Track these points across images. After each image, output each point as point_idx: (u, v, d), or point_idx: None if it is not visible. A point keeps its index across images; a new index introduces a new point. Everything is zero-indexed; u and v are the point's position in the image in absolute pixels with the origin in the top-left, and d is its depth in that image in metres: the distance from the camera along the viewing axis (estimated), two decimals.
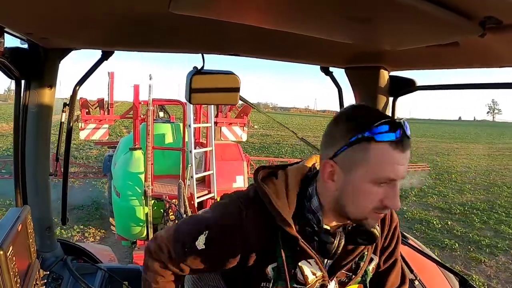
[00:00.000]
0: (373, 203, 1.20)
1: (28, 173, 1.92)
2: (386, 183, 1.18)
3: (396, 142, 1.14)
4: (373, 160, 1.16)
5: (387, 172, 1.16)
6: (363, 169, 1.18)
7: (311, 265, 1.33)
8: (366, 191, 1.20)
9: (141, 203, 7.09)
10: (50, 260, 2.04)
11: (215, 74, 1.78)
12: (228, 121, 10.21)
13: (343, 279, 1.41)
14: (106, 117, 10.18)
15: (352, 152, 1.19)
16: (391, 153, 1.15)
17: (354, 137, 1.17)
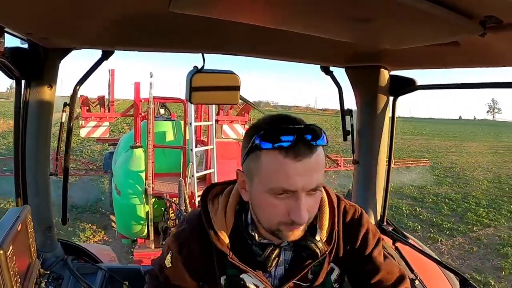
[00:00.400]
0: (277, 215, 1.14)
1: (28, 172, 1.92)
2: (286, 194, 1.10)
3: (286, 149, 1.07)
4: (263, 169, 1.11)
5: (279, 183, 1.09)
6: (257, 179, 1.14)
7: (251, 278, 1.31)
8: (265, 202, 1.14)
9: (142, 202, 7.08)
10: (50, 260, 2.04)
11: (215, 74, 1.78)
12: (230, 119, 10.22)
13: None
14: (107, 115, 10.19)
15: (249, 161, 1.16)
16: (281, 161, 1.07)
17: (249, 145, 1.14)
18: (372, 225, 1.41)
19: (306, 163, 1.08)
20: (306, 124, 1.13)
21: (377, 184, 2.39)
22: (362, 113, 2.34)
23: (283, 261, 1.34)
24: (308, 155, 1.08)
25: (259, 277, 1.30)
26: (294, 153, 1.06)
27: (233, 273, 1.33)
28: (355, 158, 2.43)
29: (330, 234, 1.32)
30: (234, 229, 1.32)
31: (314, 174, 1.10)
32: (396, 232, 2.35)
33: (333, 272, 1.37)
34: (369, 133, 2.35)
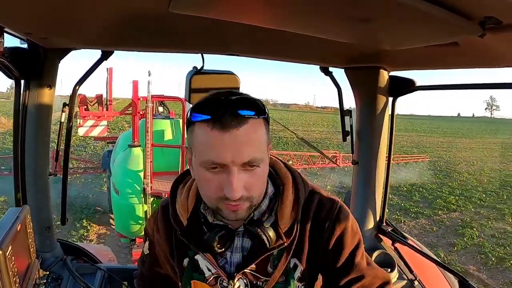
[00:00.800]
0: (212, 191, 1.10)
1: (27, 172, 1.91)
2: (219, 169, 1.06)
3: (213, 121, 1.02)
4: (195, 142, 1.09)
5: (208, 155, 1.05)
6: (194, 153, 1.12)
7: (204, 260, 1.27)
8: (201, 177, 1.11)
9: (140, 201, 7.08)
10: (49, 260, 2.04)
11: (215, 74, 1.78)
12: None
13: (258, 283, 1.26)
14: (105, 114, 10.18)
15: (188, 135, 1.14)
16: (208, 133, 1.03)
17: (186, 120, 1.12)
18: (352, 223, 1.27)
19: (233, 135, 1.02)
20: (238, 96, 1.07)
21: (377, 184, 2.39)
22: (361, 114, 2.35)
23: (241, 248, 1.27)
24: (235, 126, 1.02)
25: (209, 260, 1.25)
26: (219, 124, 1.02)
27: (191, 254, 1.30)
28: (354, 158, 2.44)
29: (291, 226, 1.22)
30: (194, 211, 1.28)
31: (245, 147, 1.04)
32: (395, 232, 2.36)
33: (297, 270, 1.25)
34: (369, 133, 2.35)
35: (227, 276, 1.25)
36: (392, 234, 2.33)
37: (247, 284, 1.26)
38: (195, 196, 1.28)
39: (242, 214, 1.13)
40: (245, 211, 1.13)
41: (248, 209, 1.13)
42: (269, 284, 1.24)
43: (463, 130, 64.31)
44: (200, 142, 1.07)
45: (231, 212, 1.12)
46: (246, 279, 1.26)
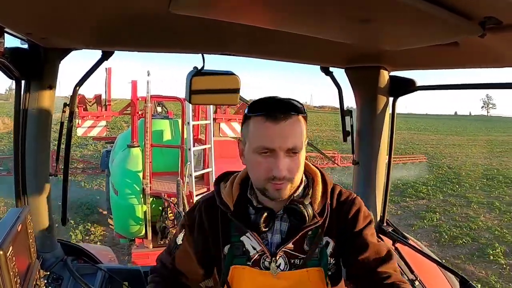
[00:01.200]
0: (262, 172, 1.35)
1: (28, 173, 1.91)
2: (268, 153, 1.33)
3: (266, 114, 1.31)
4: (252, 132, 1.36)
5: (262, 142, 1.32)
6: (248, 141, 1.38)
7: (250, 240, 1.49)
8: (254, 161, 1.37)
9: (139, 201, 7.06)
10: (50, 261, 2.04)
11: (215, 75, 1.78)
12: (227, 117, 10.19)
13: (295, 261, 1.46)
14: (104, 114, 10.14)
15: (243, 129, 1.42)
16: (263, 124, 1.32)
17: (244, 117, 1.41)
18: (365, 209, 1.53)
19: (282, 126, 1.30)
20: (285, 99, 1.36)
21: (377, 184, 2.39)
22: (362, 114, 2.35)
23: (279, 231, 1.49)
24: (283, 119, 1.30)
25: (256, 237, 1.46)
26: (272, 118, 1.30)
27: (235, 239, 1.50)
28: (355, 158, 2.44)
29: (323, 207, 1.47)
30: (238, 198, 1.51)
31: (290, 137, 1.31)
32: (396, 232, 2.36)
33: (329, 246, 1.48)
34: (369, 133, 2.35)
35: (270, 254, 1.46)
36: (393, 234, 2.33)
37: (286, 262, 1.46)
38: (239, 186, 1.53)
39: (284, 193, 1.37)
40: (287, 191, 1.37)
41: (289, 189, 1.38)
42: (305, 260, 1.45)
43: (457, 128, 65.04)
44: (255, 132, 1.35)
45: (275, 191, 1.36)
46: (286, 257, 1.46)
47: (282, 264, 1.46)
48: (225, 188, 1.55)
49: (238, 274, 1.49)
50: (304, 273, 1.45)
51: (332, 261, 1.49)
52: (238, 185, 1.54)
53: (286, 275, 1.46)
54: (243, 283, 1.49)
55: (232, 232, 1.51)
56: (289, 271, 1.46)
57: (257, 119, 1.34)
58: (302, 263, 1.46)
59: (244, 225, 1.47)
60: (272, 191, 1.36)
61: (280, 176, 1.32)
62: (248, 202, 1.51)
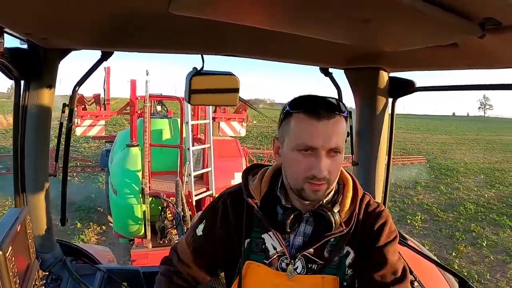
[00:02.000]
0: (301, 171, 1.31)
1: (27, 173, 1.91)
2: (309, 151, 1.29)
3: (310, 111, 1.27)
4: (293, 128, 1.31)
5: (303, 139, 1.28)
6: (288, 139, 1.34)
7: (272, 239, 1.46)
8: (293, 159, 1.33)
9: (139, 201, 7.04)
10: (49, 261, 2.03)
11: (215, 75, 1.78)
12: (227, 116, 10.20)
13: (313, 266, 1.44)
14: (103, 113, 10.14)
15: (282, 126, 1.37)
16: (306, 121, 1.28)
17: (283, 113, 1.36)
18: (391, 224, 1.49)
19: (325, 124, 1.27)
20: (329, 97, 1.32)
21: (376, 185, 2.39)
22: (361, 115, 2.35)
23: (303, 233, 1.46)
24: (327, 117, 1.27)
25: (278, 237, 1.44)
26: (315, 115, 1.27)
27: (256, 235, 1.48)
28: (354, 159, 2.44)
29: (350, 216, 1.44)
30: (266, 195, 1.49)
31: (333, 136, 1.27)
32: None
33: (348, 256, 1.45)
34: (368, 134, 2.35)
35: (289, 256, 1.44)
36: None
37: (303, 266, 1.43)
38: (268, 181, 1.51)
39: (320, 195, 1.35)
40: (323, 192, 1.35)
41: (325, 191, 1.35)
42: (323, 266, 1.43)
43: (449, 128, 66.64)
44: (297, 129, 1.30)
45: (312, 192, 1.32)
46: (304, 261, 1.43)
47: (300, 268, 1.44)
48: (253, 181, 1.53)
49: (252, 270, 1.47)
50: (319, 279, 1.43)
51: (349, 272, 1.46)
52: (268, 181, 1.52)
53: (300, 279, 1.43)
54: (255, 280, 1.47)
55: (254, 227, 1.49)
56: (305, 275, 1.43)
57: (300, 116, 1.30)
58: (319, 269, 1.44)
59: (269, 223, 1.44)
60: (309, 191, 1.33)
61: (320, 176, 1.29)
62: (276, 200, 1.48)
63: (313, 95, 1.35)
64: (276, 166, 1.54)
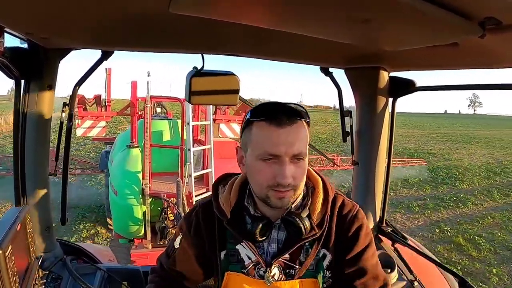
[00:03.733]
0: (265, 180, 1.30)
1: (27, 172, 1.91)
2: (272, 159, 1.28)
3: (270, 119, 1.26)
4: (254, 137, 1.31)
5: (266, 147, 1.27)
6: (251, 148, 1.33)
7: (245, 249, 1.46)
8: (256, 168, 1.32)
9: (139, 202, 7.05)
10: (49, 260, 2.03)
11: (215, 75, 1.78)
12: (227, 118, 10.19)
13: (290, 271, 1.44)
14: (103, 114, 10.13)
15: (244, 135, 1.37)
16: (267, 129, 1.27)
17: (245, 122, 1.36)
18: (366, 225, 1.49)
19: (287, 131, 1.26)
20: (289, 103, 1.32)
21: (376, 185, 2.39)
22: (361, 114, 2.35)
23: (276, 240, 1.46)
24: (289, 124, 1.26)
25: (251, 247, 1.44)
26: (276, 122, 1.26)
27: (231, 247, 1.48)
28: (354, 159, 2.44)
29: (322, 219, 1.43)
30: (236, 205, 1.48)
31: (296, 142, 1.27)
32: (395, 233, 2.36)
33: (326, 259, 1.45)
34: (369, 134, 2.35)
35: (265, 264, 1.44)
36: (392, 234, 2.33)
37: (281, 272, 1.44)
38: (237, 192, 1.50)
39: (286, 202, 1.34)
40: (289, 199, 1.33)
41: (291, 197, 1.34)
42: (300, 271, 1.43)
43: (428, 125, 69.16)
44: (259, 137, 1.29)
45: (278, 200, 1.32)
46: (281, 267, 1.44)
47: (277, 274, 1.44)
48: (223, 193, 1.52)
49: (233, 280, 1.48)
50: (296, 283, 1.43)
51: (328, 274, 1.46)
52: (237, 191, 1.50)
53: (280, 285, 1.43)
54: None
55: (228, 239, 1.49)
56: (283, 281, 1.43)
57: (261, 124, 1.29)
58: (297, 273, 1.44)
59: (239, 235, 1.44)
60: (275, 199, 1.32)
61: (285, 183, 1.27)
62: (245, 210, 1.48)
63: (274, 102, 1.35)
64: (244, 175, 1.51)
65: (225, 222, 1.45)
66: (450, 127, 65.38)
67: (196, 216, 1.56)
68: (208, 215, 1.52)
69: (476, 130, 59.13)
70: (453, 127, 65.70)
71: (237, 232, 1.44)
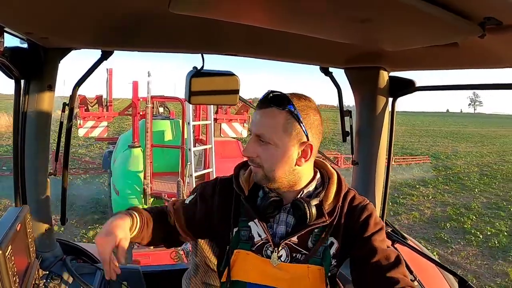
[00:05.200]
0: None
1: (27, 172, 1.91)
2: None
3: (259, 104, 1.46)
4: None
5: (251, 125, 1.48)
6: None
7: (257, 226, 1.54)
8: None
9: (140, 202, 7.07)
10: (49, 260, 2.03)
11: (215, 75, 1.78)
12: (228, 117, 10.21)
13: (297, 255, 1.50)
14: (105, 114, 10.16)
15: None
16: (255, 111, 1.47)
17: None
18: (376, 216, 1.56)
19: (260, 113, 1.44)
20: (276, 92, 1.45)
21: (376, 185, 2.39)
22: (361, 114, 2.34)
23: (285, 223, 1.53)
24: (262, 108, 1.43)
25: (262, 225, 1.51)
26: (258, 106, 1.46)
27: (243, 224, 1.56)
28: (354, 159, 2.43)
29: (333, 208, 1.51)
30: (253, 187, 1.59)
31: (262, 126, 1.42)
32: (395, 233, 2.35)
33: (332, 247, 1.51)
34: (369, 134, 2.35)
35: (273, 243, 1.50)
36: (392, 234, 2.33)
37: (288, 254, 1.50)
38: None
39: (258, 177, 1.48)
40: (260, 176, 1.47)
41: (263, 177, 1.47)
42: (307, 257, 1.49)
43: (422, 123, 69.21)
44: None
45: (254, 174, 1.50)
46: (288, 249, 1.50)
47: (284, 256, 1.50)
48: (244, 174, 1.62)
49: (241, 258, 1.54)
50: (304, 268, 1.49)
51: (333, 262, 1.52)
52: None
53: (286, 267, 1.49)
54: (245, 267, 1.53)
55: (241, 216, 1.57)
56: (289, 263, 1.49)
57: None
58: (304, 259, 1.49)
59: (253, 209, 1.52)
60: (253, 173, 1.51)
61: (244, 154, 1.49)
62: (261, 189, 1.58)
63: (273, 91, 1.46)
64: None
65: (242, 197, 1.55)
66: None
67: (213, 188, 1.66)
68: (226, 190, 1.63)
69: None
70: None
71: (252, 207, 1.52)
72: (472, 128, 61.12)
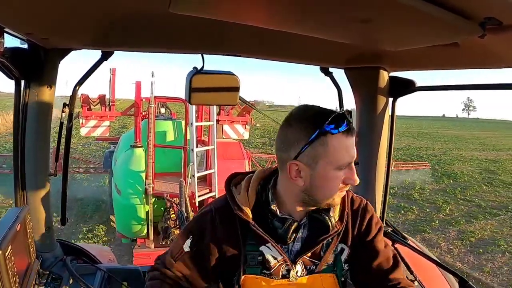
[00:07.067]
0: (338, 186, 1.37)
1: (28, 173, 1.91)
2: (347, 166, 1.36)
3: (346, 131, 1.32)
4: (332, 150, 1.32)
5: (345, 158, 1.33)
6: (325, 160, 1.33)
7: (270, 250, 1.47)
8: (333, 177, 1.36)
9: (142, 202, 7.06)
10: (49, 260, 2.03)
11: (215, 74, 1.78)
12: (230, 119, 10.21)
13: (310, 267, 1.50)
14: (108, 114, 10.18)
15: (312, 149, 1.33)
16: (344, 140, 1.32)
17: (313, 135, 1.32)
18: (375, 214, 1.60)
19: (353, 139, 1.35)
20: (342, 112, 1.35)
21: (377, 185, 2.38)
22: (361, 114, 2.34)
23: (301, 238, 1.50)
24: (350, 136, 1.34)
25: (277, 248, 1.46)
26: (350, 132, 1.33)
27: (252, 248, 1.48)
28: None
29: (341, 215, 1.52)
30: (256, 206, 1.49)
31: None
32: (396, 233, 2.35)
33: (344, 252, 1.53)
34: (369, 134, 2.34)
35: (290, 262, 1.47)
36: (392, 234, 2.32)
37: (303, 269, 1.49)
38: (255, 195, 1.51)
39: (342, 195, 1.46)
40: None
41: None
42: (320, 266, 1.50)
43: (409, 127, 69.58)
44: (338, 149, 1.32)
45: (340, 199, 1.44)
46: (303, 263, 1.49)
47: (299, 271, 1.49)
48: (239, 194, 1.51)
49: (250, 284, 1.48)
50: (317, 278, 1.49)
51: (346, 267, 1.54)
52: (254, 191, 1.52)
53: (301, 280, 1.48)
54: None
55: (248, 240, 1.48)
56: (303, 276, 1.49)
57: (339, 137, 1.32)
58: (317, 268, 1.50)
59: (267, 236, 1.44)
60: (338, 198, 1.43)
61: (356, 183, 1.38)
62: (267, 210, 1.48)
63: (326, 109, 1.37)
64: (262, 174, 1.57)
65: (251, 224, 1.45)
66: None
67: (212, 220, 1.52)
68: (227, 218, 1.50)
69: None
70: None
71: (263, 233, 1.45)
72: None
